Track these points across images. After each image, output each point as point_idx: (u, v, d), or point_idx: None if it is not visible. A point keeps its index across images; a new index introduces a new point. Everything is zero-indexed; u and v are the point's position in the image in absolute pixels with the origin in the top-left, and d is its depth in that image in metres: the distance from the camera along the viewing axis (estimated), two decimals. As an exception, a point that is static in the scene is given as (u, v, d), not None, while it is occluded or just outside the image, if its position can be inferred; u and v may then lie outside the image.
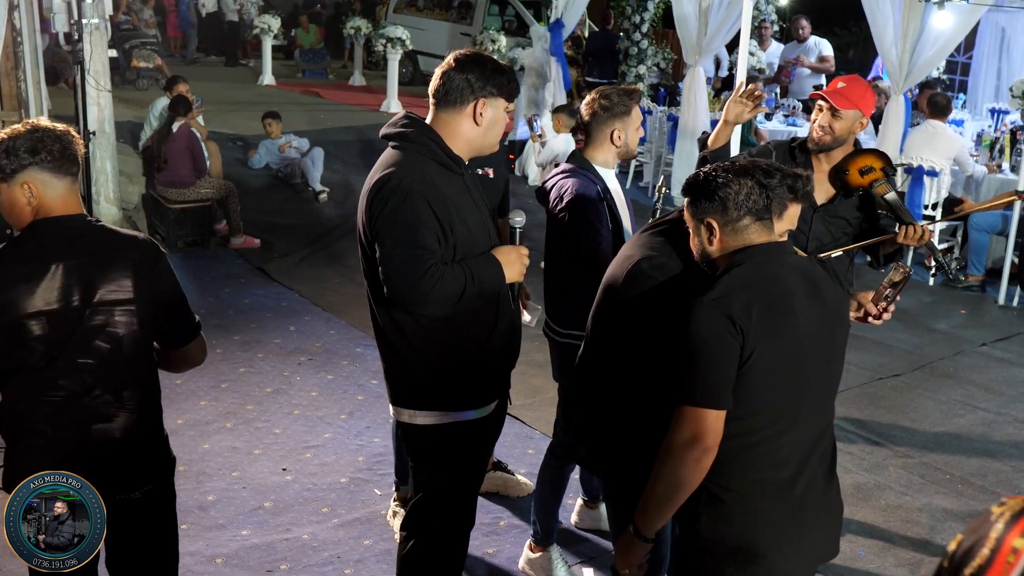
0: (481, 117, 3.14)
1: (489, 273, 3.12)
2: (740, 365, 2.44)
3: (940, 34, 8.45)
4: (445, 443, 3.29)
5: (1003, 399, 6.28)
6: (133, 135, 10.96)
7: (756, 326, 2.43)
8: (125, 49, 15.62)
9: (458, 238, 3.08)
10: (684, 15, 10.50)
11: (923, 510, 4.92)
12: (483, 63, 3.15)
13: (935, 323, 7.68)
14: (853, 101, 4.08)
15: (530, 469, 5.15)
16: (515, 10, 17.32)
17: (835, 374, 2.70)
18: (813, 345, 2.54)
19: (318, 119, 14.64)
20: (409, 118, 3.19)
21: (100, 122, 8.01)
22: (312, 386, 6.03)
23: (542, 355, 6.43)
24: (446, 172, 3.12)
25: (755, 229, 2.56)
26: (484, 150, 3.27)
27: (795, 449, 2.56)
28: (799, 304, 2.52)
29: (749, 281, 2.49)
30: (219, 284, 7.78)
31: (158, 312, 2.93)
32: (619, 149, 4.02)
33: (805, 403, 2.56)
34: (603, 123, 3.97)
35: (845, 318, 2.70)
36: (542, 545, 4.29)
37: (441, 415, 3.25)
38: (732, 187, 2.54)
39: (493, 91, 3.13)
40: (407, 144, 3.12)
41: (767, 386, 2.48)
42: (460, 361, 3.20)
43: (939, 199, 8.50)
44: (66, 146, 2.82)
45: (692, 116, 10.44)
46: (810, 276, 2.61)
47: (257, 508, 4.69)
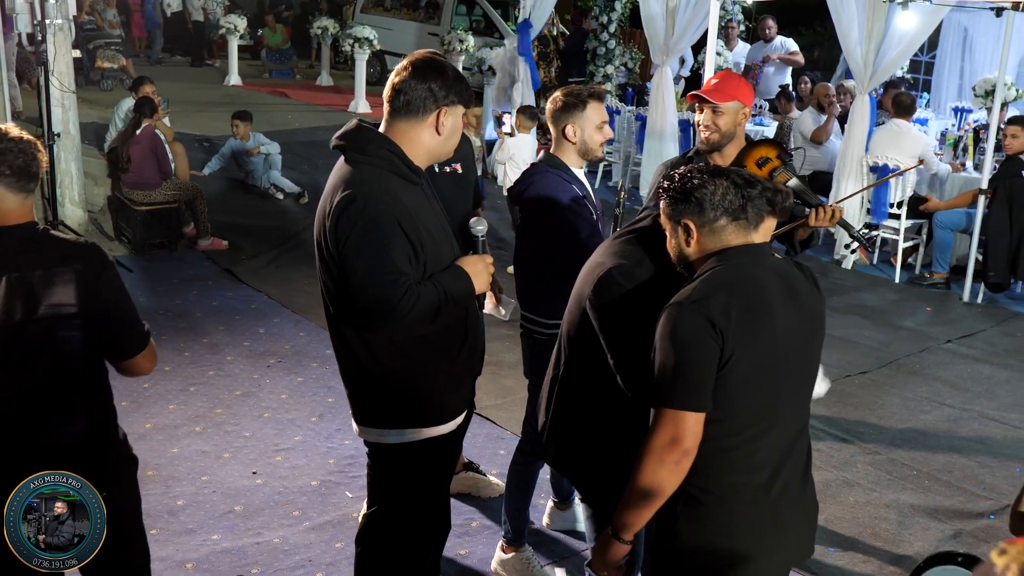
0: (443, 126, 3.07)
1: (459, 288, 3.06)
2: (719, 367, 2.45)
3: (904, 34, 8.54)
4: (414, 459, 3.23)
5: (968, 395, 6.36)
6: (98, 136, 10.86)
7: (735, 328, 2.44)
8: (89, 49, 15.46)
9: (427, 254, 3.02)
10: (651, 15, 10.54)
11: (891, 506, 4.97)
12: (443, 70, 3.06)
13: (901, 320, 7.76)
14: (730, 93, 4.06)
15: (501, 470, 5.15)
16: (483, 10, 17.31)
17: (811, 375, 2.72)
18: (791, 347, 2.56)
19: (286, 120, 14.57)
20: (362, 128, 3.09)
21: (64, 123, 7.94)
22: (282, 388, 6.00)
23: (512, 355, 6.48)
24: (407, 184, 3.03)
25: (732, 230, 2.57)
26: (442, 157, 3.21)
27: (773, 451, 2.58)
28: (777, 306, 2.53)
29: (728, 283, 2.50)
30: (187, 286, 7.72)
31: (103, 324, 2.86)
32: (576, 146, 4.00)
33: (783, 405, 2.58)
34: (556, 120, 3.99)
35: (821, 321, 2.71)
36: (514, 545, 4.30)
37: (413, 432, 3.18)
38: (708, 187, 2.55)
39: (455, 99, 3.06)
40: (365, 158, 3.01)
41: (746, 388, 2.49)
42: (432, 376, 3.15)
43: (904, 197, 8.59)
44: (28, 162, 2.76)
45: (660, 116, 10.49)
46: (788, 277, 2.62)
47: (227, 512, 4.66)
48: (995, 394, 6.39)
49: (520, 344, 4.31)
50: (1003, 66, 7.99)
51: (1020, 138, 8.00)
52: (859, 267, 9.07)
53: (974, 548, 4.63)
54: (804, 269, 2.74)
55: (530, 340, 4.19)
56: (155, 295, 7.52)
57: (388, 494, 3.32)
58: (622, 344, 2.80)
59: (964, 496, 5.10)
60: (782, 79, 12.68)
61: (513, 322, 4.32)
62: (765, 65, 12.77)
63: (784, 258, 2.70)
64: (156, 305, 7.26)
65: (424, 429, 3.20)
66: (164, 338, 6.65)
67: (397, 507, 3.32)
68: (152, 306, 7.23)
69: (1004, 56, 7.96)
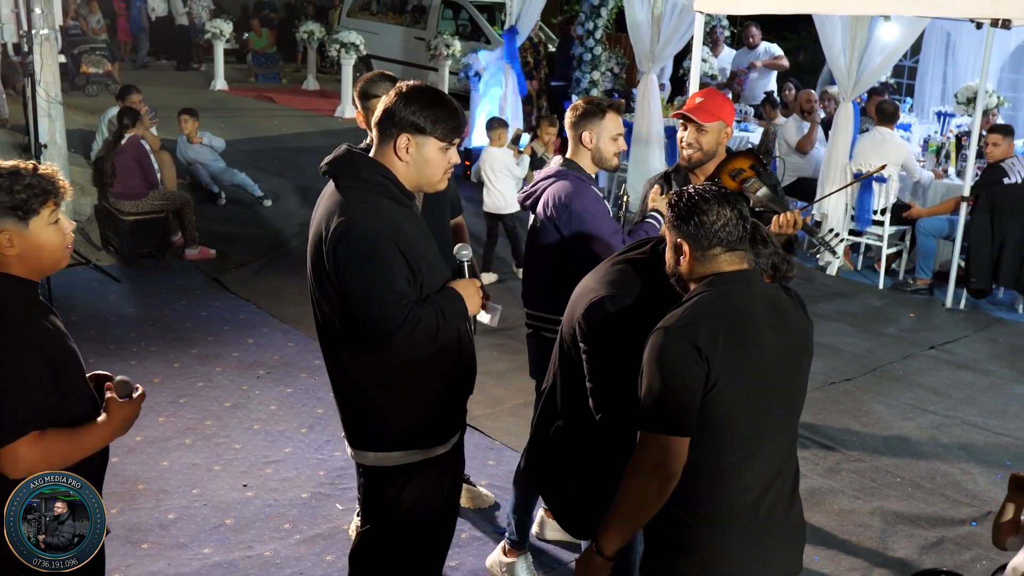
0: (407, 153, 3.07)
1: (456, 309, 3.13)
2: (705, 393, 2.49)
3: (887, 44, 8.63)
4: (412, 481, 3.26)
5: (951, 402, 6.43)
6: (85, 144, 10.84)
7: (722, 355, 2.48)
8: (74, 55, 15.44)
9: (424, 276, 3.08)
10: (637, 23, 10.59)
11: (875, 514, 5.03)
12: (424, 99, 3.06)
13: (885, 327, 7.83)
14: (714, 113, 4.17)
15: (491, 480, 5.21)
16: (469, 15, 17.34)
17: (799, 400, 2.77)
18: (778, 373, 2.61)
19: (272, 125, 14.60)
20: (352, 153, 3.13)
21: (51, 133, 7.94)
22: (271, 400, 6.03)
23: (502, 364, 6.53)
24: (400, 207, 3.08)
25: (725, 258, 2.61)
26: (424, 188, 3.22)
27: (760, 474, 2.62)
28: (765, 333, 2.58)
29: (715, 309, 2.54)
30: (175, 297, 7.73)
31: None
32: (591, 152, 4.17)
33: (770, 430, 2.62)
34: (575, 126, 4.16)
35: (809, 346, 2.75)
36: (516, 549, 4.36)
37: (410, 454, 3.22)
38: (711, 215, 2.58)
39: (425, 129, 3.06)
40: (358, 183, 3.06)
41: (733, 414, 2.54)
42: (429, 398, 3.20)
43: (887, 204, 8.66)
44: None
45: (646, 123, 10.54)
46: (776, 304, 2.67)
47: (219, 525, 4.69)
48: (977, 400, 6.47)
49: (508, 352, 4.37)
50: (984, 76, 8.07)
51: (1001, 146, 8.09)
52: (843, 273, 9.15)
53: (956, 555, 4.70)
54: (792, 293, 2.78)
55: (538, 340, 4.27)
56: (143, 306, 7.53)
57: (385, 515, 3.34)
58: (603, 369, 2.85)
59: (947, 503, 5.17)
60: (767, 85, 12.76)
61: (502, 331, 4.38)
62: (749, 73, 12.84)
63: (773, 284, 2.75)
64: (144, 316, 7.28)
65: (421, 451, 3.24)
66: (153, 349, 6.67)
67: (393, 528, 3.35)
68: (140, 317, 7.25)
69: (985, 67, 8.04)
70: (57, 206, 2.66)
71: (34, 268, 2.67)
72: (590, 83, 13.27)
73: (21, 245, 2.61)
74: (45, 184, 2.61)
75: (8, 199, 2.57)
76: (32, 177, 2.61)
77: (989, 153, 8.15)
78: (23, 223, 2.60)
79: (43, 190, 2.61)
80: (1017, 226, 8.00)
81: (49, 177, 2.64)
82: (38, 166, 2.65)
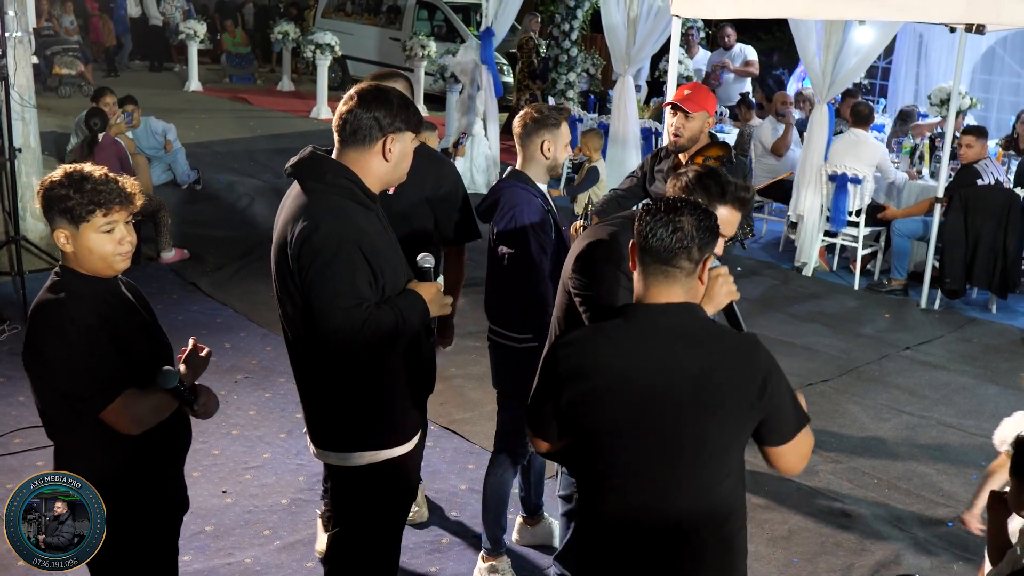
0: (391, 153, 3.14)
1: (416, 310, 3.17)
2: (557, 403, 2.58)
3: (861, 46, 8.69)
4: (375, 482, 3.32)
5: (926, 402, 6.49)
6: (59, 146, 10.75)
7: (584, 377, 2.53)
8: (47, 56, 15.31)
9: (386, 279, 3.12)
10: (613, 25, 10.62)
11: (852, 515, 5.07)
12: (388, 99, 3.14)
13: (861, 327, 7.89)
14: (700, 104, 4.80)
15: (470, 484, 5.20)
16: (444, 15, 17.33)
17: (697, 446, 2.52)
18: (656, 409, 2.50)
19: (247, 126, 14.53)
20: (317, 156, 3.17)
21: (25, 137, 7.86)
22: (250, 405, 6.01)
23: (479, 367, 6.52)
24: (364, 210, 3.12)
25: (651, 282, 2.54)
26: (394, 183, 3.30)
27: (642, 508, 2.57)
28: (647, 369, 2.49)
29: (603, 335, 2.59)
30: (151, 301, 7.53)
31: None
32: (548, 162, 4.14)
33: (642, 467, 2.54)
34: (533, 134, 4.10)
35: (716, 383, 2.49)
36: (494, 555, 4.38)
37: (372, 454, 3.28)
38: (654, 219, 2.52)
39: (401, 126, 3.14)
40: (323, 186, 3.10)
41: (604, 439, 2.56)
42: (388, 398, 3.26)
43: (862, 205, 8.73)
44: None
45: (623, 124, 10.57)
46: (685, 341, 2.52)
47: (198, 532, 4.67)
48: (952, 401, 6.53)
49: (486, 355, 4.39)
50: (957, 78, 8.15)
51: (975, 147, 8.16)
52: (819, 274, 9.21)
53: (933, 555, 4.75)
54: (728, 339, 2.59)
55: (498, 351, 4.28)
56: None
57: (351, 516, 3.42)
58: (596, 309, 3.11)
59: (923, 504, 5.21)
60: (742, 87, 12.83)
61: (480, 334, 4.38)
62: (723, 72, 12.90)
63: (702, 319, 2.58)
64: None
65: (383, 451, 3.29)
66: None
67: (360, 528, 3.42)
68: (116, 321, 7.19)
69: (958, 70, 8.12)
70: (109, 216, 2.83)
71: (88, 267, 2.87)
72: (566, 84, 13.30)
73: (75, 245, 2.83)
74: (100, 197, 2.81)
75: (62, 204, 2.80)
76: (95, 184, 2.82)
77: (963, 155, 8.23)
78: (75, 226, 2.82)
79: (96, 201, 2.80)
80: (990, 227, 8.08)
81: (109, 191, 2.83)
82: (109, 176, 2.86)
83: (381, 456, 3.28)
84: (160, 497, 3.07)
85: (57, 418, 2.88)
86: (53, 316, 2.79)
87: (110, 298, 2.92)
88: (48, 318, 2.80)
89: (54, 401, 2.84)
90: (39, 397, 2.88)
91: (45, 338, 2.78)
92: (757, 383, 2.48)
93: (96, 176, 2.83)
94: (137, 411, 2.82)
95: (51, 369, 2.78)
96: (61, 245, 2.85)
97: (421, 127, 3.26)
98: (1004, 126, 11.90)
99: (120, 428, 2.83)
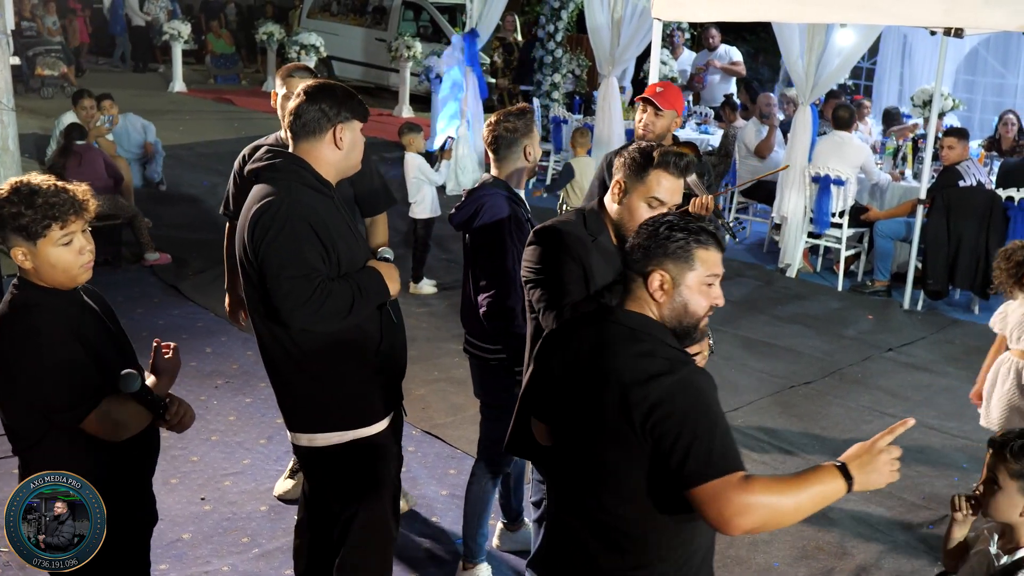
0: (341, 141, 3.27)
1: (374, 285, 3.27)
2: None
3: (844, 48, 8.71)
4: (345, 463, 3.40)
5: (909, 404, 6.49)
6: (39, 148, 10.70)
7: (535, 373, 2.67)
8: (28, 57, 15.23)
9: (340, 255, 3.21)
10: (597, 26, 10.62)
11: (835, 518, 5.06)
12: (332, 91, 3.29)
13: (844, 329, 7.90)
14: (671, 102, 4.82)
15: (452, 490, 5.18)
16: (430, 16, 17.30)
17: (583, 454, 2.49)
18: (563, 397, 2.54)
19: (232, 127, 14.47)
20: (273, 151, 3.29)
21: (3, 139, 7.80)
22: (230, 410, 5.97)
23: (461, 371, 6.49)
24: (318, 195, 3.23)
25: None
26: (349, 171, 3.41)
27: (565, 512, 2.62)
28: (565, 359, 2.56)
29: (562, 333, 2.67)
30: (132, 305, 7.63)
31: None
32: (530, 165, 4.17)
33: (562, 454, 2.59)
34: (515, 143, 4.10)
35: (617, 393, 2.37)
36: (473, 561, 4.37)
37: (338, 435, 3.35)
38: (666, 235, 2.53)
39: (348, 115, 3.27)
40: (277, 175, 3.23)
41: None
42: (348, 377, 3.33)
43: (846, 207, 8.73)
44: None
45: (607, 126, 10.58)
46: (602, 339, 2.49)
47: (175, 540, 4.63)
48: (935, 402, 6.54)
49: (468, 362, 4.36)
50: (939, 79, 8.16)
51: (957, 149, 8.18)
52: (802, 275, 9.22)
53: (914, 559, 4.74)
54: (640, 360, 2.41)
55: (478, 362, 4.25)
56: (100, 313, 7.42)
57: (332, 507, 3.51)
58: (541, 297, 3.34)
59: (904, 507, 5.21)
60: (727, 88, 12.85)
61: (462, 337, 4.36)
62: (708, 72, 12.91)
63: (626, 329, 2.48)
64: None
65: (350, 431, 3.37)
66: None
67: (348, 522, 3.49)
68: (97, 325, 7.15)
69: (940, 73, 8.14)
70: (65, 228, 2.77)
71: (50, 281, 2.82)
72: (551, 85, 13.28)
73: (35, 261, 2.77)
74: (54, 210, 2.73)
75: (16, 222, 2.72)
76: (46, 197, 2.73)
77: (945, 156, 8.25)
78: (31, 243, 2.75)
79: (50, 215, 2.72)
80: (972, 228, 8.09)
81: (62, 202, 2.75)
82: (58, 186, 2.77)
83: (348, 436, 3.36)
84: (129, 511, 3.02)
85: (25, 432, 2.85)
86: (19, 329, 2.75)
87: (73, 309, 2.88)
88: (14, 332, 2.75)
89: (23, 415, 2.81)
90: (5, 413, 2.85)
91: (14, 354, 2.73)
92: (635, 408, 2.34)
93: (46, 188, 2.76)
94: (120, 416, 2.81)
95: (22, 384, 2.74)
96: (20, 262, 2.79)
97: (367, 116, 3.38)
98: (987, 127, 11.95)
99: (104, 436, 2.81)
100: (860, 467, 2.36)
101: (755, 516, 2.21)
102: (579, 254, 3.29)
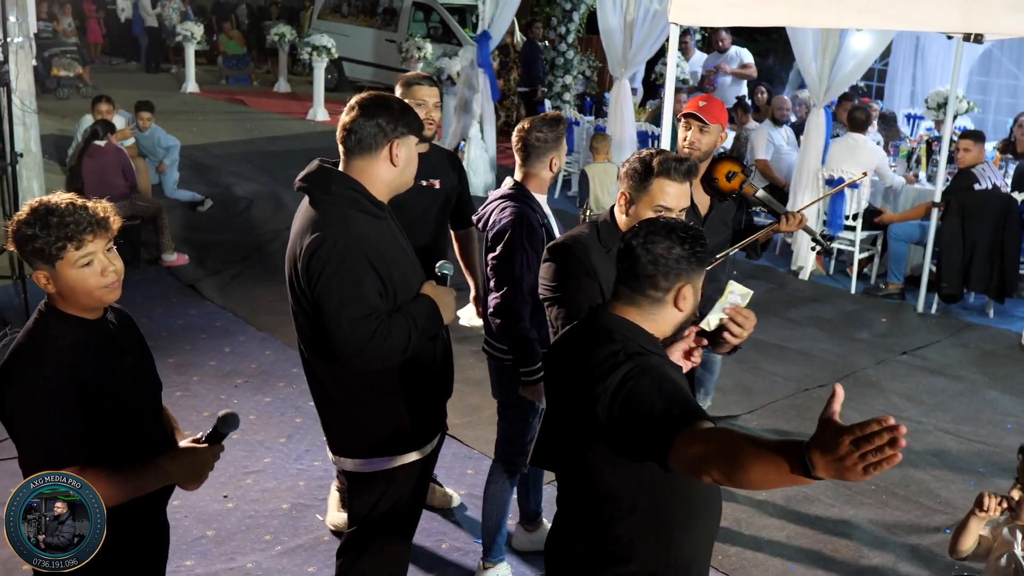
0: (397, 158, 3.18)
1: (430, 319, 3.21)
2: None
3: (858, 51, 8.72)
4: (392, 486, 3.38)
5: (923, 408, 6.51)
6: (59, 150, 10.78)
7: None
8: (44, 58, 15.32)
9: (396, 285, 3.15)
10: (609, 29, 10.64)
11: (850, 522, 5.09)
12: (389, 105, 3.20)
13: (858, 332, 7.92)
14: (716, 116, 4.55)
15: (469, 490, 5.22)
16: (440, 17, 17.34)
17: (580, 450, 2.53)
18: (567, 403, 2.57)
19: (244, 128, 14.54)
20: (324, 169, 3.20)
21: (26, 142, 7.89)
22: (249, 409, 6.02)
23: (478, 372, 6.53)
24: (372, 220, 3.15)
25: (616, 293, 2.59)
26: (403, 188, 3.31)
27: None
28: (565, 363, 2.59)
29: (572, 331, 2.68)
30: (151, 305, 7.69)
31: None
32: (552, 174, 4.18)
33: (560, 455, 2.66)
34: (543, 154, 4.10)
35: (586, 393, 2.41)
36: (493, 560, 4.41)
37: (388, 460, 3.33)
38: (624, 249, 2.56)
39: (404, 131, 3.18)
40: (330, 198, 3.13)
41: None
42: (404, 406, 3.29)
43: (859, 209, 8.76)
44: None
45: (619, 127, 10.60)
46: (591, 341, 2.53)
47: (200, 537, 4.69)
48: (949, 406, 6.56)
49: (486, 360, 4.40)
50: (955, 82, 8.18)
51: (972, 152, 8.18)
52: (816, 278, 9.24)
53: (931, 563, 4.77)
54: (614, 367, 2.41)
55: (495, 363, 4.29)
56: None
57: (367, 517, 3.45)
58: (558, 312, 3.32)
59: (920, 511, 5.24)
60: (738, 90, 12.86)
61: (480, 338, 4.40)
62: (718, 75, 12.93)
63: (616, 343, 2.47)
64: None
65: (399, 457, 3.33)
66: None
67: (375, 530, 3.46)
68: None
69: (955, 76, 8.15)
70: (82, 248, 2.62)
71: (75, 304, 2.69)
72: (563, 87, 13.32)
73: (57, 284, 2.65)
74: (67, 230, 2.60)
75: (31, 245, 2.61)
76: (61, 216, 2.59)
77: (960, 159, 8.25)
78: (51, 266, 2.63)
79: (64, 236, 2.59)
80: (987, 231, 8.11)
81: (77, 221, 2.61)
82: (76, 204, 2.63)
83: (397, 462, 3.33)
84: (139, 535, 2.93)
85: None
86: (27, 375, 2.63)
87: (93, 341, 2.74)
88: (23, 376, 2.64)
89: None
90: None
91: (12, 395, 2.63)
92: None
93: (63, 207, 2.61)
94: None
95: (18, 422, 2.65)
96: (43, 287, 2.67)
97: (423, 130, 3.32)
98: (1001, 128, 11.94)
99: None
100: (825, 466, 1.91)
101: (708, 444, 2.12)
102: (594, 268, 3.29)
